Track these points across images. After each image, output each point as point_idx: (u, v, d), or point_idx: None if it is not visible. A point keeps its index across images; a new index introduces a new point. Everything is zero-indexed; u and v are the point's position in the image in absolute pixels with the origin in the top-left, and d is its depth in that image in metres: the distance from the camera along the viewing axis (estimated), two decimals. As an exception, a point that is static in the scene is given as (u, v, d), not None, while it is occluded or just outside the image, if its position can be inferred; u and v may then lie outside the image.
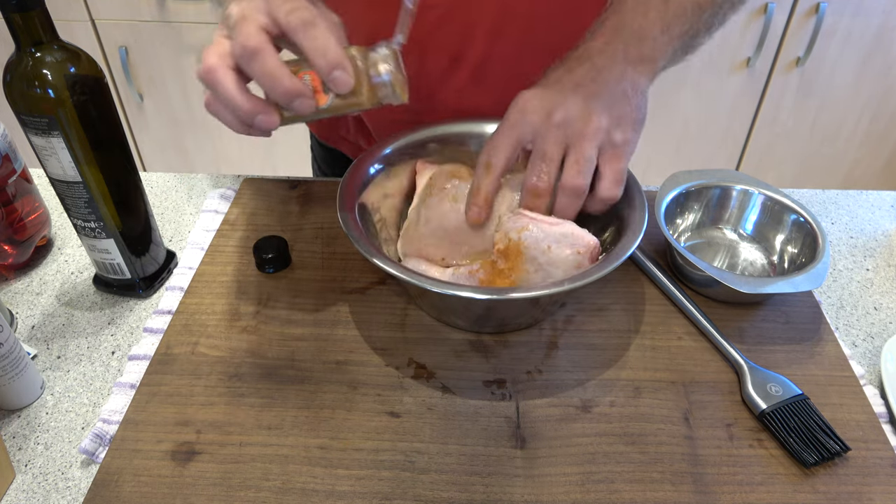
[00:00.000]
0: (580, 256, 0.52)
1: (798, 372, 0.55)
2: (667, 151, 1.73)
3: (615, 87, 0.53)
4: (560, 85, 0.53)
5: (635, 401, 0.53)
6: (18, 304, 0.63)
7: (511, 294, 0.50)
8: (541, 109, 0.52)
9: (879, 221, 0.73)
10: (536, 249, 0.52)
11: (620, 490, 0.47)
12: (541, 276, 0.53)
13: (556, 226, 0.53)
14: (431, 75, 0.71)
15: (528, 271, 0.53)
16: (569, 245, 0.52)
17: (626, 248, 0.51)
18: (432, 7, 0.66)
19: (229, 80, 0.46)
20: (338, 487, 0.47)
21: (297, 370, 0.55)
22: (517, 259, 0.53)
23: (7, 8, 0.49)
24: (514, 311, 0.56)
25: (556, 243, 0.52)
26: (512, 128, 0.53)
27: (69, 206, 0.58)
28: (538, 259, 0.53)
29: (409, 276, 0.49)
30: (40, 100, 0.52)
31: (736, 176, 0.66)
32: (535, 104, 0.53)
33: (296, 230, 0.69)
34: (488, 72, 0.70)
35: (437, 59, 0.70)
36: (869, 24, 1.49)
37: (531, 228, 0.53)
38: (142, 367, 0.56)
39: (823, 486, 0.47)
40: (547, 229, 0.52)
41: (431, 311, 0.59)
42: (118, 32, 1.57)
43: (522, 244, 0.53)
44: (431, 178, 0.58)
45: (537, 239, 0.52)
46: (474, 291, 0.49)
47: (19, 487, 0.49)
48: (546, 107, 0.52)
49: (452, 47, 0.69)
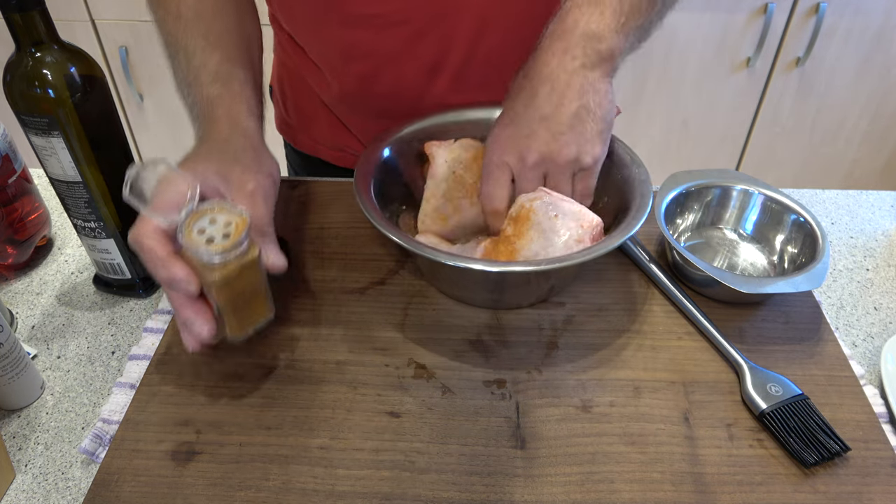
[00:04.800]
0: (582, 231, 0.54)
1: (798, 372, 0.55)
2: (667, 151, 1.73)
3: (577, 104, 0.54)
4: (528, 119, 0.56)
5: (635, 401, 0.53)
6: (18, 304, 0.63)
7: (516, 267, 0.52)
8: (515, 152, 0.56)
9: (879, 221, 0.73)
10: (543, 216, 0.55)
11: (620, 490, 0.47)
12: (542, 244, 0.55)
13: (567, 203, 0.55)
14: (411, 86, 0.71)
15: (532, 238, 0.55)
16: (574, 219, 0.54)
17: (632, 226, 0.54)
18: (407, 21, 0.66)
19: (152, 250, 0.46)
20: (338, 487, 0.47)
21: (297, 370, 0.55)
22: (524, 224, 0.55)
23: (7, 8, 0.49)
24: (521, 281, 0.58)
25: (563, 215, 0.54)
26: (496, 173, 0.57)
27: (69, 206, 0.58)
28: (542, 225, 0.54)
29: (423, 251, 0.52)
30: (40, 100, 0.52)
31: (736, 176, 0.66)
32: (508, 149, 0.57)
33: (296, 230, 0.69)
34: (469, 77, 0.70)
35: (416, 71, 0.70)
36: (869, 24, 1.49)
37: (544, 199, 0.55)
38: (142, 367, 0.56)
39: (823, 486, 0.47)
40: (558, 203, 0.55)
41: (445, 285, 0.61)
42: (118, 32, 1.57)
43: (532, 210, 0.55)
44: (449, 167, 0.60)
45: (547, 207, 0.55)
46: (484, 264, 0.52)
47: (19, 487, 0.49)
48: (519, 149, 0.56)
49: (431, 58, 0.69)
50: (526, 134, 0.56)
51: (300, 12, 0.70)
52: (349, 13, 0.66)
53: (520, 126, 0.56)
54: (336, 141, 0.81)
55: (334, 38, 0.69)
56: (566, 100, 0.54)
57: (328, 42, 0.71)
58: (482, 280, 0.57)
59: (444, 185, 0.61)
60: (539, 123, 0.55)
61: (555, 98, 0.55)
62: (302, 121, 0.84)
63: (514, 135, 0.56)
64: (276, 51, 0.84)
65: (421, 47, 0.68)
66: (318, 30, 0.70)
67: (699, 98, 1.62)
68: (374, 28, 0.67)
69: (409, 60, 0.69)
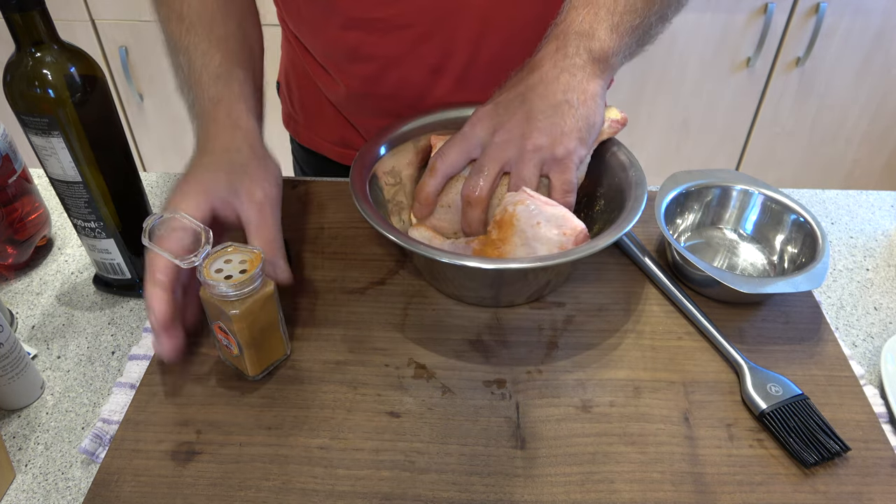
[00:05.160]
0: (565, 238, 0.54)
1: (798, 372, 0.55)
2: (667, 151, 1.73)
3: (561, 97, 0.55)
4: (509, 102, 0.57)
5: (635, 401, 0.53)
6: (18, 304, 0.63)
7: (511, 265, 0.52)
8: (489, 127, 0.57)
9: (879, 221, 0.73)
10: (526, 223, 0.55)
11: (620, 490, 0.47)
12: (526, 250, 0.55)
13: (551, 206, 0.55)
14: (416, 87, 0.72)
15: (517, 244, 0.55)
16: (556, 225, 0.54)
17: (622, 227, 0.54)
18: (411, 25, 0.67)
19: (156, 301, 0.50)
20: (338, 487, 0.47)
21: (297, 370, 0.55)
22: (508, 230, 0.55)
23: (7, 8, 0.49)
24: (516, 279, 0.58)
25: (546, 221, 0.54)
26: (462, 140, 0.58)
27: (69, 206, 0.58)
28: (526, 233, 0.54)
29: (420, 249, 0.52)
30: (40, 100, 0.52)
31: (736, 176, 0.66)
32: (485, 122, 0.57)
33: (296, 230, 0.69)
34: (472, 78, 0.71)
35: (420, 72, 0.71)
36: (869, 24, 1.50)
37: (527, 203, 0.55)
38: (142, 367, 0.56)
39: (823, 486, 0.47)
40: (541, 207, 0.55)
41: (441, 283, 0.61)
42: (118, 32, 1.57)
43: (515, 216, 0.55)
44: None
45: (530, 214, 0.55)
46: (479, 261, 0.51)
47: (19, 487, 0.49)
48: (493, 125, 0.57)
49: (434, 61, 0.70)
50: (503, 113, 0.57)
51: (305, 14, 0.70)
52: (351, 16, 0.67)
53: (501, 107, 0.57)
54: (341, 138, 0.82)
55: (338, 40, 0.70)
56: (550, 92, 0.55)
57: (332, 44, 0.71)
58: (478, 277, 0.57)
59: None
60: (519, 107, 0.56)
61: (540, 89, 0.56)
62: (308, 118, 0.84)
63: (493, 112, 0.57)
64: (283, 48, 0.84)
65: (424, 50, 0.68)
66: (322, 32, 0.71)
67: (699, 98, 1.62)
68: (378, 32, 0.67)
69: (413, 63, 0.70)
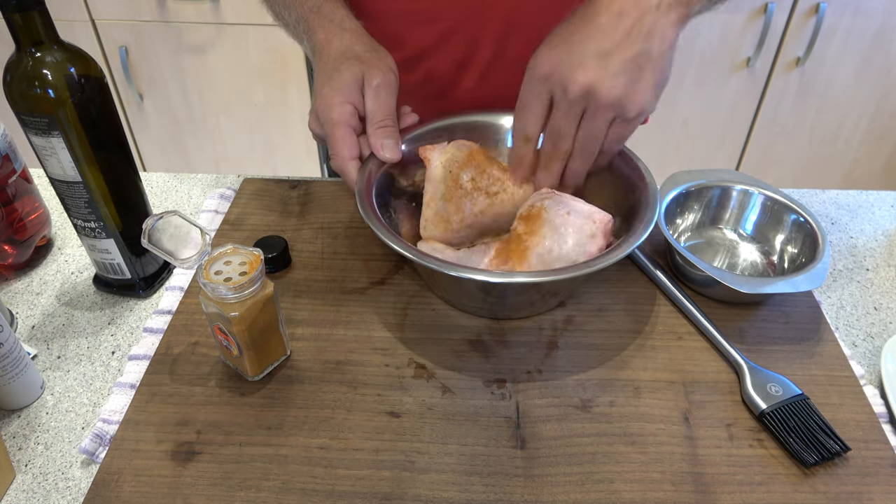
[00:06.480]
0: (594, 226, 0.54)
1: (798, 372, 0.55)
2: (667, 151, 1.73)
3: (641, 48, 0.49)
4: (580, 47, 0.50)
5: (635, 401, 0.53)
6: (18, 304, 0.63)
7: (516, 278, 0.51)
8: (560, 79, 0.51)
9: (879, 221, 0.73)
10: (555, 213, 0.55)
11: (620, 490, 0.47)
12: (555, 241, 0.54)
13: (577, 202, 0.56)
14: (440, 80, 0.73)
15: (545, 235, 0.55)
16: (585, 215, 0.55)
17: (636, 239, 0.53)
18: (438, 20, 0.69)
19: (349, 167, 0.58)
20: (338, 487, 0.47)
21: (297, 370, 0.55)
22: (536, 222, 0.56)
23: (7, 8, 0.49)
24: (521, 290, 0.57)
25: (574, 211, 0.55)
26: (536, 100, 0.54)
27: (69, 206, 0.58)
28: (555, 221, 0.55)
29: (422, 259, 0.51)
30: (40, 100, 0.52)
31: (736, 176, 0.66)
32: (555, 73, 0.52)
33: (296, 230, 0.69)
34: (497, 72, 0.72)
35: (446, 66, 0.72)
36: (869, 24, 1.49)
37: (555, 197, 0.56)
38: (142, 367, 0.56)
39: (823, 486, 0.47)
40: (568, 201, 0.56)
41: (444, 294, 0.61)
42: (118, 32, 1.57)
43: (544, 209, 0.56)
44: (445, 168, 0.59)
45: (559, 205, 0.56)
46: (485, 275, 0.51)
47: (19, 487, 0.49)
48: (564, 77, 0.51)
49: (460, 55, 0.71)
50: (575, 62, 0.50)
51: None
52: (379, 8, 0.69)
53: (570, 52, 0.51)
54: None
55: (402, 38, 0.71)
56: (630, 40, 0.49)
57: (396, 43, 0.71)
58: (481, 289, 0.56)
59: (441, 187, 0.60)
60: (592, 56, 0.50)
61: (618, 34, 0.49)
62: None
63: (562, 60, 0.51)
64: None
65: (451, 44, 0.70)
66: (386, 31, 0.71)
67: (699, 98, 1.62)
68: (405, 24, 0.70)
69: (441, 55, 0.71)
